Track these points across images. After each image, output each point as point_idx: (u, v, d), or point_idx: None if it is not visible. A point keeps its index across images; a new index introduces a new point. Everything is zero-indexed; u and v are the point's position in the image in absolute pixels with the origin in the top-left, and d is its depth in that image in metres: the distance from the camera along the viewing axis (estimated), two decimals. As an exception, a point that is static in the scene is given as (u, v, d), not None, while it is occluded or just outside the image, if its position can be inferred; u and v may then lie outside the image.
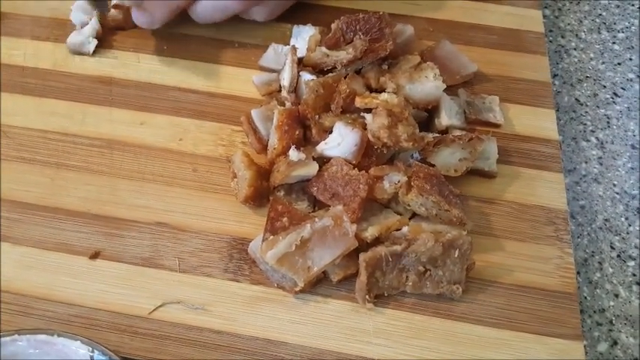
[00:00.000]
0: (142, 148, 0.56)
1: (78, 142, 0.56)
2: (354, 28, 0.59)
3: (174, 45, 0.63)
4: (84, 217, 0.51)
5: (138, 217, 0.51)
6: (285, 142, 0.52)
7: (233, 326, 0.46)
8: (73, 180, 0.53)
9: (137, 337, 0.45)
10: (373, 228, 0.49)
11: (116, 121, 0.57)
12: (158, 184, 0.53)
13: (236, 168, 0.53)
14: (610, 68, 0.69)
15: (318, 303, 0.48)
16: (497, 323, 0.47)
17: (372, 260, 0.47)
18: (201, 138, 0.57)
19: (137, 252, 0.49)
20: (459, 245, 0.47)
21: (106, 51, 0.63)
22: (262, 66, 0.62)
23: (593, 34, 0.72)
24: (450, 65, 0.61)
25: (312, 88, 0.54)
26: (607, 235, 0.56)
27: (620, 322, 0.51)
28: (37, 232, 0.50)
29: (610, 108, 0.65)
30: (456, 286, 0.47)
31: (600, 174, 0.60)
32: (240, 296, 0.48)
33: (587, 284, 0.53)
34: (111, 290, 0.47)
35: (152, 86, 0.60)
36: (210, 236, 0.50)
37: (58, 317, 0.46)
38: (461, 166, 0.53)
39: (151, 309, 0.46)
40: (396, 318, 0.47)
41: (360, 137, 0.51)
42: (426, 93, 0.56)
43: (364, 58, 0.57)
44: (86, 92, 0.60)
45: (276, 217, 0.48)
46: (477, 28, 0.67)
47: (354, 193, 0.49)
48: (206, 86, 0.60)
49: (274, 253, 0.46)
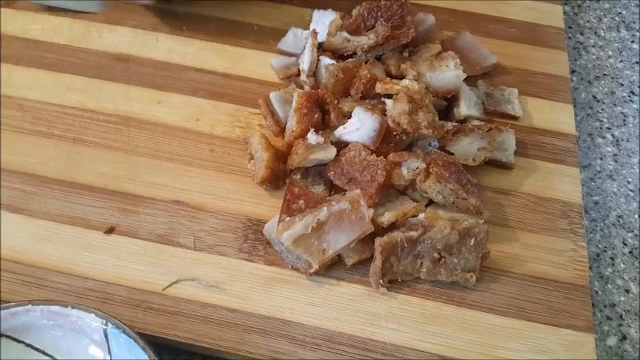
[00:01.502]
0: (158, 126, 0.56)
1: (95, 117, 0.56)
2: (375, 14, 0.59)
3: (193, 26, 0.63)
4: (100, 192, 0.51)
5: (154, 195, 0.51)
6: (303, 125, 0.52)
7: (248, 305, 0.46)
8: (90, 155, 0.53)
9: (151, 312, 0.45)
10: (390, 213, 0.48)
11: (133, 99, 0.57)
12: (175, 162, 0.53)
13: (253, 150, 0.53)
14: (628, 67, 0.69)
15: (332, 286, 0.48)
16: (509, 312, 0.47)
17: (387, 245, 0.47)
18: (218, 119, 0.56)
19: (152, 228, 0.49)
20: (475, 234, 0.47)
21: (125, 29, 0.63)
22: (281, 49, 0.61)
23: (612, 32, 0.72)
24: (470, 56, 0.61)
25: (332, 73, 0.54)
26: (620, 231, 0.56)
27: (630, 317, 0.51)
28: (53, 205, 0.50)
29: (627, 106, 0.65)
30: (470, 274, 0.47)
31: (615, 171, 0.60)
32: (255, 276, 0.48)
33: (599, 279, 0.53)
34: (126, 265, 0.47)
35: (170, 66, 0.60)
36: (226, 216, 0.50)
37: (73, 290, 0.46)
38: (479, 155, 0.53)
39: (165, 285, 0.46)
40: (409, 303, 0.47)
41: (379, 123, 0.51)
42: (446, 81, 0.56)
43: (385, 44, 0.56)
44: (103, 69, 0.59)
45: (292, 199, 0.48)
46: (498, 21, 0.67)
47: (371, 179, 0.49)
48: (224, 68, 0.60)
49: (290, 234, 0.46)
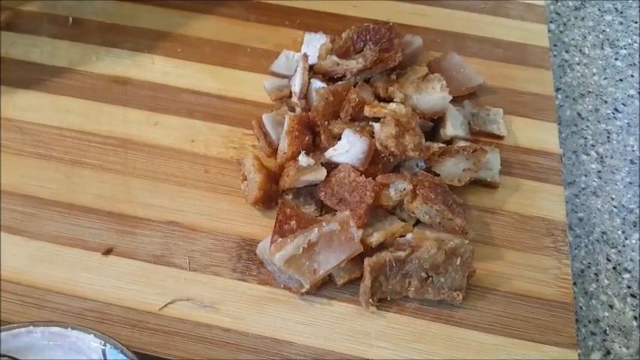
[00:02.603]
0: (155, 148, 0.57)
1: (92, 140, 0.57)
2: (364, 37, 0.60)
3: (188, 48, 0.65)
4: (98, 213, 0.53)
5: (151, 216, 0.53)
6: (295, 147, 0.54)
7: (241, 324, 0.47)
8: (88, 177, 0.55)
9: (147, 332, 0.46)
10: (378, 234, 0.50)
11: (130, 121, 0.59)
12: (171, 183, 0.55)
13: (247, 171, 0.54)
14: (612, 84, 0.70)
15: (323, 305, 0.49)
16: (495, 330, 0.49)
17: (376, 265, 0.48)
18: (212, 140, 0.58)
19: (149, 249, 0.51)
20: (460, 253, 0.49)
21: (121, 51, 0.64)
22: (274, 71, 0.63)
23: (597, 50, 0.74)
24: (456, 77, 0.62)
25: (322, 96, 0.56)
26: (604, 247, 0.58)
27: (614, 332, 0.53)
28: (52, 227, 0.52)
29: (611, 123, 0.67)
30: (456, 292, 0.49)
31: (599, 187, 0.62)
32: (248, 295, 0.49)
33: (583, 295, 0.55)
34: (123, 286, 0.49)
35: (166, 88, 0.62)
36: (220, 236, 0.52)
37: (72, 310, 0.47)
38: (464, 176, 0.54)
39: (161, 305, 0.48)
40: (398, 322, 0.49)
41: (367, 145, 0.52)
42: (432, 103, 0.57)
43: (374, 67, 0.58)
44: (101, 91, 0.61)
45: (284, 220, 0.50)
46: (484, 41, 0.68)
47: (360, 199, 0.51)
48: (218, 89, 0.62)
49: (282, 255, 0.47)
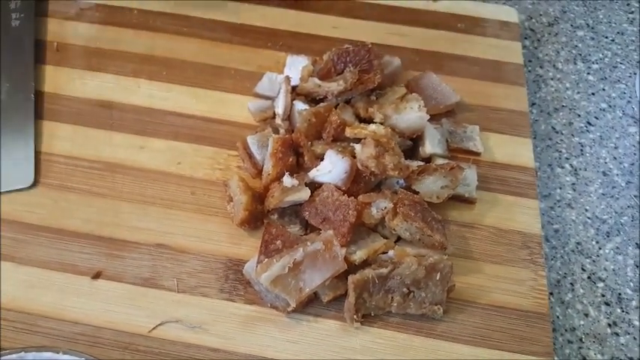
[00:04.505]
0: (142, 171, 0.58)
1: (79, 164, 0.58)
2: (344, 59, 0.62)
3: (173, 71, 0.66)
4: (86, 238, 0.54)
5: (139, 239, 0.54)
6: (279, 168, 0.55)
7: (229, 344, 0.49)
8: (76, 202, 0.56)
9: (138, 355, 0.48)
10: (361, 251, 0.52)
11: (116, 145, 0.60)
12: (158, 206, 0.56)
13: (232, 192, 0.56)
14: (584, 98, 0.73)
15: (309, 322, 0.51)
16: (475, 341, 0.51)
17: (360, 282, 0.50)
18: (198, 162, 0.59)
19: (137, 272, 0.52)
20: (440, 269, 0.50)
21: (106, 75, 0.65)
22: (257, 93, 0.65)
23: (570, 65, 0.76)
24: (434, 95, 0.64)
25: (304, 118, 0.58)
26: (579, 257, 0.60)
27: (590, 340, 0.55)
28: (42, 252, 0.53)
29: (584, 136, 0.69)
30: (437, 306, 0.51)
31: (573, 199, 0.64)
32: (236, 315, 0.50)
33: (560, 304, 0.57)
34: (113, 309, 0.50)
35: (151, 111, 0.63)
36: (207, 257, 0.53)
37: (63, 335, 0.48)
38: (443, 193, 0.56)
39: (151, 327, 0.49)
40: (382, 336, 0.50)
41: (349, 165, 0.54)
42: (411, 123, 0.59)
43: (354, 89, 0.60)
44: (87, 115, 0.62)
45: (270, 240, 0.52)
46: (461, 59, 0.71)
47: (343, 218, 0.52)
48: (203, 112, 0.63)
49: (268, 275, 0.49)
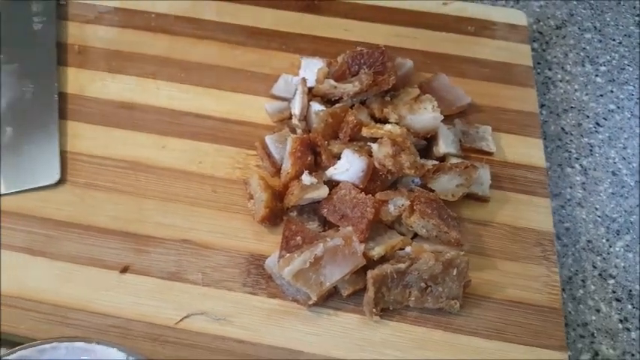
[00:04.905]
0: (164, 170, 0.60)
1: (103, 163, 0.60)
2: (358, 61, 0.64)
3: (190, 72, 0.68)
4: (113, 234, 0.55)
5: (164, 235, 0.55)
6: (297, 167, 0.57)
7: (254, 336, 0.50)
8: (102, 199, 0.57)
9: (168, 345, 0.49)
10: (379, 247, 0.53)
11: (139, 145, 0.62)
12: (181, 203, 0.58)
13: (253, 190, 0.57)
14: (593, 99, 0.75)
15: (330, 315, 0.52)
16: (490, 335, 0.52)
17: (378, 277, 0.51)
18: (219, 161, 0.61)
19: (164, 267, 0.54)
20: (457, 264, 0.52)
21: (127, 77, 0.67)
22: (274, 94, 0.66)
23: (578, 67, 0.78)
24: (446, 97, 0.66)
25: (321, 118, 0.59)
26: (590, 255, 0.61)
27: (601, 335, 0.56)
28: (72, 247, 0.54)
29: (593, 137, 0.71)
30: (454, 301, 0.52)
31: (584, 198, 0.65)
32: (259, 308, 0.52)
33: (572, 300, 0.58)
34: (141, 302, 0.51)
35: (171, 112, 0.65)
36: (230, 253, 0.55)
37: (95, 327, 0.50)
38: (458, 191, 0.58)
39: (177, 319, 0.51)
40: (401, 330, 0.52)
41: (366, 164, 0.56)
42: (425, 123, 0.61)
43: (369, 90, 0.62)
44: (109, 116, 0.64)
45: (290, 236, 0.53)
46: (471, 62, 0.72)
47: (361, 215, 0.54)
48: (221, 113, 0.65)
49: (290, 270, 0.50)
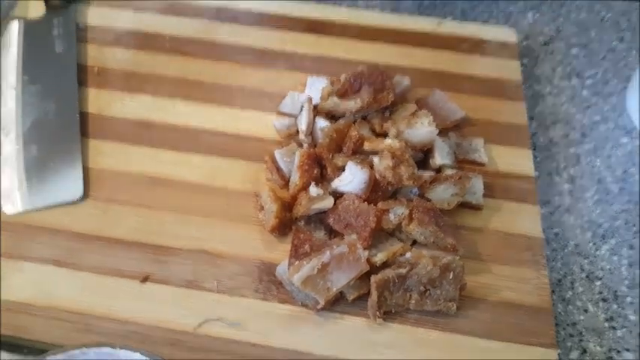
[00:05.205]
0: (182, 184, 0.64)
1: (124, 179, 0.64)
2: (359, 80, 0.68)
3: (204, 91, 0.72)
4: (134, 245, 0.59)
5: (181, 245, 0.59)
6: (305, 179, 0.61)
7: (266, 340, 0.54)
8: (123, 213, 0.61)
9: (187, 350, 0.53)
10: (382, 254, 0.57)
11: (157, 161, 0.66)
12: (197, 216, 0.61)
13: (263, 202, 0.61)
14: (579, 111, 0.79)
15: (337, 319, 0.56)
16: (486, 335, 0.56)
17: (381, 282, 0.55)
18: (231, 175, 0.65)
19: (181, 276, 0.57)
20: (453, 268, 0.56)
21: (144, 97, 0.71)
22: (281, 111, 0.70)
23: (565, 81, 0.82)
24: (441, 112, 0.70)
25: (326, 134, 0.64)
26: (577, 258, 0.65)
27: (589, 333, 0.60)
28: (94, 259, 0.58)
29: (579, 147, 0.75)
30: (451, 303, 0.56)
31: (571, 205, 0.69)
32: (271, 313, 0.56)
33: (561, 301, 0.62)
34: (161, 309, 0.55)
35: (187, 129, 0.69)
36: (243, 261, 0.59)
37: (117, 333, 0.53)
38: (453, 200, 0.62)
39: (195, 325, 0.54)
40: (402, 331, 0.56)
41: (368, 176, 0.60)
42: (422, 137, 0.65)
43: (369, 107, 0.66)
44: (129, 134, 0.68)
45: (299, 244, 0.57)
46: (464, 78, 0.77)
47: (364, 224, 0.58)
48: (233, 129, 0.69)
49: (300, 276, 0.54)
